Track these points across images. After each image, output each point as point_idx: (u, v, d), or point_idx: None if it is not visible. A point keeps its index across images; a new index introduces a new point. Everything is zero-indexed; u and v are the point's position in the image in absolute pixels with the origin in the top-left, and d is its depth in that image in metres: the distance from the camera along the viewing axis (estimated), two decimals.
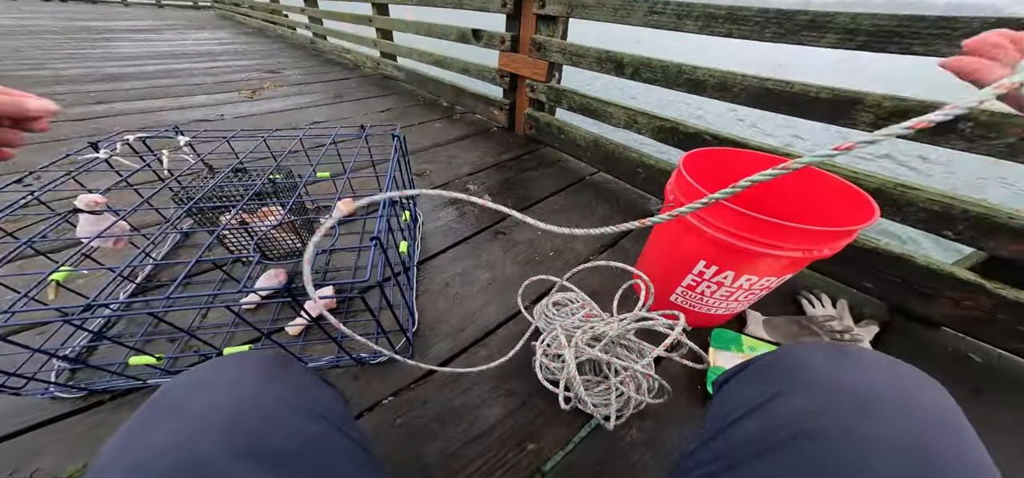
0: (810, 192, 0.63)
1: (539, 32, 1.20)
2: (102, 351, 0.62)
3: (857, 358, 0.27)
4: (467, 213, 0.98)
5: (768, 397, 0.26)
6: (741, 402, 0.28)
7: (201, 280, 0.76)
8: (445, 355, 0.64)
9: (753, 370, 0.31)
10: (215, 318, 0.69)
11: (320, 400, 0.30)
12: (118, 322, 0.67)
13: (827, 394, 0.24)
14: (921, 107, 0.60)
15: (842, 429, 0.22)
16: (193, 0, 9.33)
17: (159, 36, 3.84)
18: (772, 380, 0.28)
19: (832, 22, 0.65)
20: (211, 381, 0.26)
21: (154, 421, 0.23)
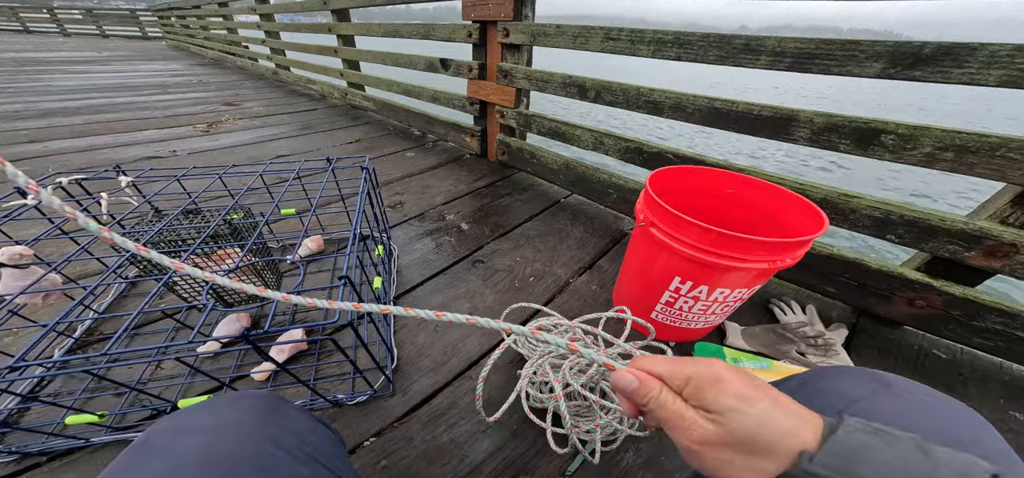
0: (768, 206, 0.67)
1: (505, 60, 1.24)
2: (38, 411, 0.56)
3: (900, 392, 0.25)
4: (444, 244, 0.97)
5: None
6: None
7: (152, 330, 0.70)
8: (428, 390, 0.61)
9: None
10: (171, 369, 0.63)
11: (316, 443, 0.28)
12: (53, 381, 0.60)
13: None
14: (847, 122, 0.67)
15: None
16: (141, 30, 8.91)
17: (103, 68, 3.61)
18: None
19: (763, 45, 0.72)
20: (200, 424, 0.24)
21: (137, 466, 0.22)
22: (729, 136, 5.42)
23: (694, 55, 0.81)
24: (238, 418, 0.26)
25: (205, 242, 0.62)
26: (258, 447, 0.24)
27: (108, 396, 0.58)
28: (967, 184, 4.26)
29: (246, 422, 0.26)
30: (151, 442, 0.23)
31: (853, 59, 0.63)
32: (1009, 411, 0.61)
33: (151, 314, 0.72)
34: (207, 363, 0.64)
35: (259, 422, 0.26)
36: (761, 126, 0.77)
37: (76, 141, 1.58)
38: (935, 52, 0.57)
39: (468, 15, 1.26)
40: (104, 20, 9.27)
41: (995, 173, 0.57)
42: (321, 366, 0.64)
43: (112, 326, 0.70)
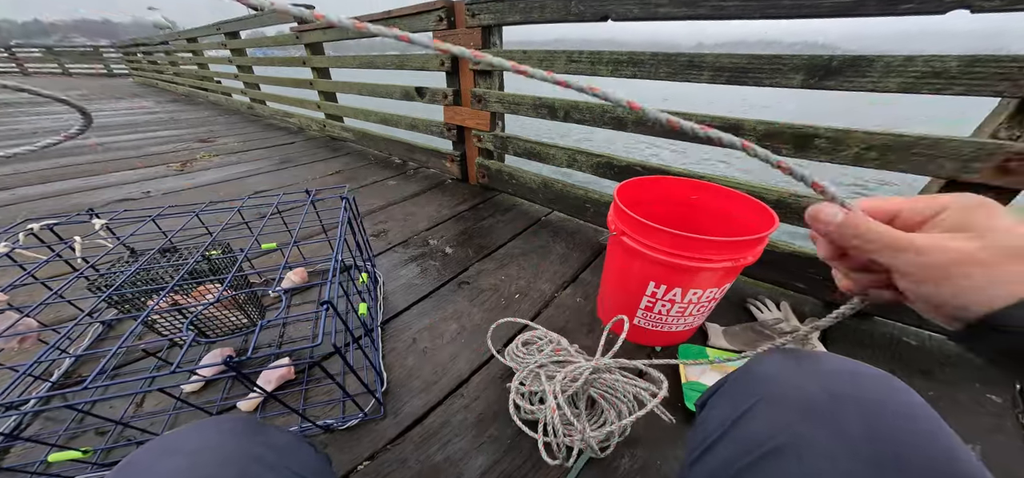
0: (727, 209, 0.73)
1: (478, 85, 1.30)
2: (17, 452, 0.55)
3: (816, 362, 0.28)
4: (429, 268, 0.98)
5: (739, 414, 0.27)
6: (717, 423, 0.29)
7: (134, 369, 0.69)
8: (420, 410, 0.62)
9: (726, 388, 0.32)
10: (153, 405, 0.62)
11: (300, 459, 0.29)
12: (32, 423, 0.59)
13: (787, 409, 0.25)
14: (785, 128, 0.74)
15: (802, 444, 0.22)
16: (106, 67, 8.68)
17: (69, 108, 3.50)
18: (741, 396, 0.29)
19: (705, 62, 0.79)
20: (183, 446, 0.25)
21: None
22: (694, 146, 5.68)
23: (648, 73, 0.88)
24: (220, 440, 0.26)
25: (184, 279, 0.62)
26: (241, 467, 0.25)
27: (90, 434, 0.57)
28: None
29: (228, 443, 0.26)
30: (132, 466, 0.23)
31: (779, 72, 0.71)
32: (986, 394, 0.64)
33: (131, 354, 0.71)
34: (193, 398, 0.63)
35: (241, 441, 0.26)
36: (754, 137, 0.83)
37: (45, 186, 1.53)
38: (842, 64, 0.65)
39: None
40: (65, 58, 8.99)
41: (917, 168, 0.65)
42: (309, 393, 0.64)
43: (90, 368, 0.68)
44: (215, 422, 0.28)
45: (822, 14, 0.64)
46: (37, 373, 0.64)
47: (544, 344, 0.65)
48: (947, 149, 0.61)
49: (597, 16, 0.90)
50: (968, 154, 0.60)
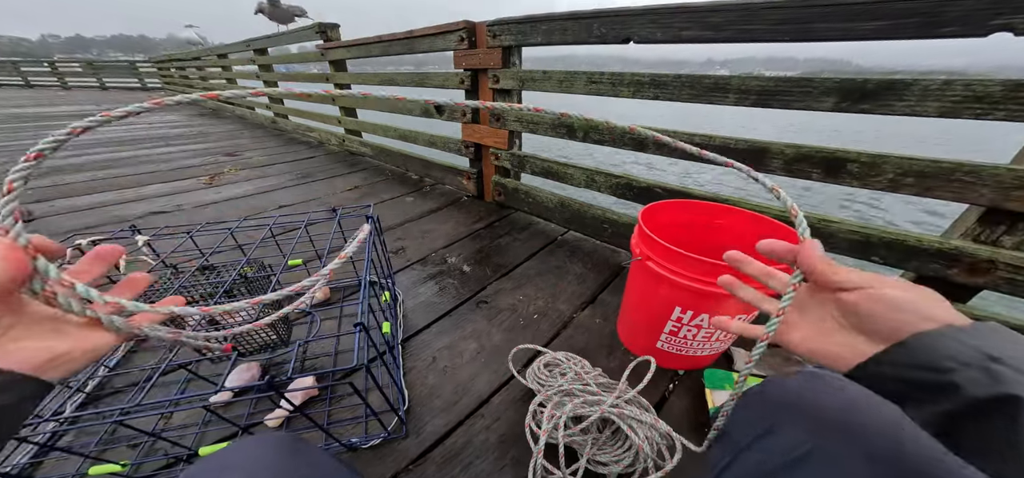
0: (753, 235, 0.72)
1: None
2: (49, 464, 0.56)
3: (831, 385, 0.30)
4: (447, 286, 0.99)
5: (766, 427, 0.30)
6: (745, 433, 0.31)
7: (161, 382, 0.70)
8: (441, 430, 0.62)
9: (749, 403, 0.34)
10: (180, 419, 0.63)
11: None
12: (65, 436, 0.61)
13: (812, 424, 0.28)
14: (815, 152, 0.73)
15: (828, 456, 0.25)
16: (140, 81, 9.12)
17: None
18: (766, 411, 0.31)
19: (730, 84, 0.79)
20: (235, 462, 0.27)
21: None
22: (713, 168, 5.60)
23: (670, 95, 0.88)
24: (268, 457, 0.28)
25: (222, 296, 0.64)
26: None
27: (122, 448, 0.58)
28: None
29: (277, 463, 0.28)
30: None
31: (809, 95, 0.70)
32: None
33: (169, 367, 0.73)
34: (221, 412, 0.65)
35: (288, 462, 0.28)
36: (738, 157, 0.83)
37: (83, 198, 1.61)
38: (878, 87, 0.64)
39: (460, 64, 1.35)
40: (103, 72, 9.49)
41: (955, 196, 0.63)
42: (332, 411, 0.65)
43: (121, 381, 0.71)
44: (256, 442, 0.30)
45: (857, 37, 0.64)
46: (73, 385, 0.66)
47: (567, 367, 0.65)
48: (988, 177, 0.60)
49: (619, 39, 0.92)
50: (1009, 182, 0.59)
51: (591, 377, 0.62)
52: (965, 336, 0.21)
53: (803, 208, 0.89)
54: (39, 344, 0.22)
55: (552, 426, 0.53)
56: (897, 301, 0.24)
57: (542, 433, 0.52)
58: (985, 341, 0.21)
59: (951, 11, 0.55)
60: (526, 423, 0.58)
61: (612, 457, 0.54)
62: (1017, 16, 0.51)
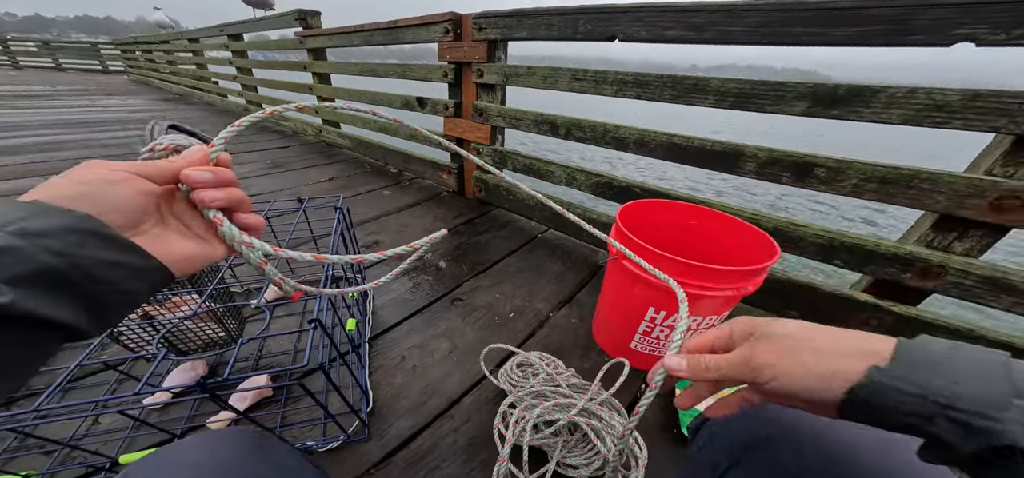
0: (727, 236, 0.72)
1: (480, 99, 1.29)
2: None
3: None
4: (421, 283, 0.95)
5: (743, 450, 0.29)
6: (719, 456, 0.31)
7: (91, 383, 0.64)
8: (407, 433, 0.58)
9: (723, 419, 0.33)
10: (110, 423, 0.57)
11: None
12: None
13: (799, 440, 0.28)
14: (785, 156, 0.74)
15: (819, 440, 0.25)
16: (102, 64, 8.57)
17: (56, 102, 3.43)
18: (743, 431, 0.30)
19: (709, 86, 0.79)
20: (186, 459, 0.24)
21: None
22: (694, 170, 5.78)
23: (651, 94, 0.88)
24: (224, 454, 0.25)
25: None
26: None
27: (34, 455, 0.52)
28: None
29: (232, 458, 0.25)
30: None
31: (783, 98, 0.71)
32: None
33: (90, 366, 0.65)
34: (155, 415, 0.59)
35: (245, 457, 0.26)
36: (715, 160, 0.83)
37: (18, 183, 1.47)
38: (847, 93, 0.65)
39: (444, 56, 1.31)
40: (61, 53, 8.87)
41: (913, 202, 0.65)
42: (288, 412, 0.60)
43: (43, 381, 0.63)
44: (222, 435, 0.27)
45: (831, 43, 0.65)
46: None
47: (540, 368, 0.63)
48: (944, 184, 0.62)
49: (604, 36, 0.91)
50: (963, 190, 0.61)
51: (563, 378, 0.60)
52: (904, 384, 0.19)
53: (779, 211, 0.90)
54: (183, 243, 0.25)
55: (519, 430, 0.51)
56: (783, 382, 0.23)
57: (508, 437, 0.50)
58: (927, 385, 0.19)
59: (918, 19, 0.57)
60: (494, 425, 0.55)
61: (582, 460, 0.52)
62: (979, 26, 0.53)
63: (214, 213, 0.26)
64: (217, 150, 0.28)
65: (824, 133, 18.04)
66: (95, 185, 0.21)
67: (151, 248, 0.23)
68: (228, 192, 0.27)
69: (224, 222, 0.27)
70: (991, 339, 0.66)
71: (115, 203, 0.22)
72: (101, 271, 0.20)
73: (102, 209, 0.21)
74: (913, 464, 0.22)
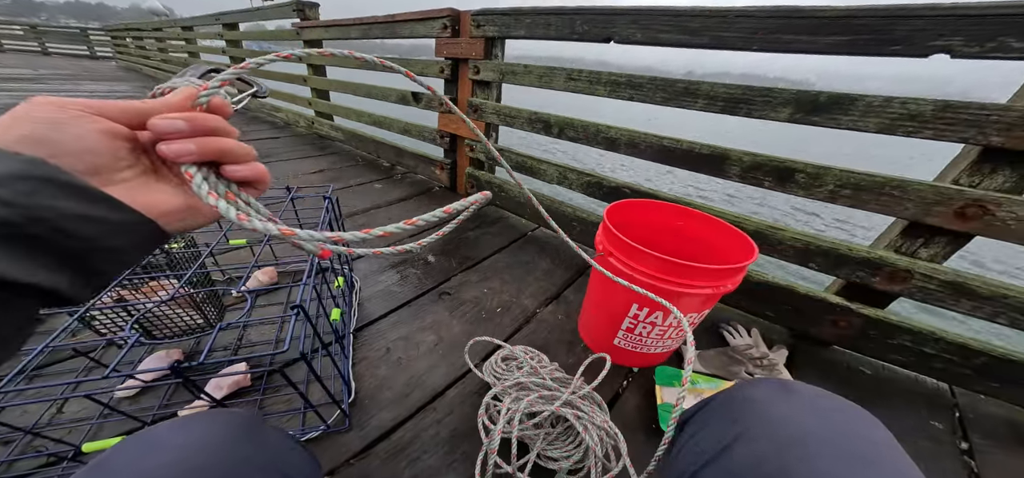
0: (710, 237, 0.73)
1: (475, 95, 1.30)
2: None
3: (800, 396, 0.28)
4: (409, 276, 0.95)
5: (727, 443, 0.28)
6: (703, 447, 0.30)
7: (59, 370, 0.62)
8: (389, 424, 0.58)
9: (709, 411, 0.32)
10: (73, 411, 0.56)
11: (293, 463, 0.28)
12: None
13: (774, 441, 0.26)
14: (767, 161, 0.76)
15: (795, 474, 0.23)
16: (90, 49, 8.40)
17: (39, 87, 3.35)
18: (728, 421, 0.29)
19: (700, 89, 0.81)
20: (170, 441, 0.23)
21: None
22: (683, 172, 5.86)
23: (644, 96, 0.89)
24: (211, 436, 0.24)
25: (134, 272, 0.57)
26: (229, 468, 0.23)
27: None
28: None
29: (217, 439, 0.24)
30: (113, 461, 0.22)
31: (769, 104, 0.73)
32: (929, 421, 0.68)
33: (59, 352, 0.63)
34: (126, 404, 0.58)
35: (231, 439, 0.25)
36: (702, 163, 0.84)
37: None
38: (828, 101, 0.67)
39: (441, 52, 1.31)
40: (49, 37, 8.67)
41: (885, 208, 0.67)
42: (267, 402, 0.60)
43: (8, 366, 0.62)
44: (204, 417, 0.26)
45: (819, 50, 0.66)
46: None
47: (524, 362, 0.63)
48: (913, 192, 0.64)
49: (600, 37, 0.92)
50: (931, 198, 0.63)
51: (547, 372, 0.60)
52: None
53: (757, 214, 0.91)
54: (172, 195, 0.23)
55: (506, 420, 0.51)
56: None
57: (498, 427, 0.50)
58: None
59: (899, 30, 0.59)
60: (479, 416, 0.55)
61: (563, 453, 0.52)
62: (955, 38, 0.55)
63: (186, 168, 0.23)
64: (207, 94, 0.24)
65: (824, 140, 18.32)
66: (43, 125, 0.18)
67: (128, 198, 0.20)
68: (203, 143, 0.23)
69: (196, 177, 0.23)
70: (950, 341, 0.69)
71: (70, 145, 0.19)
72: (72, 225, 0.18)
73: (54, 152, 0.18)
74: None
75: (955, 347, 0.68)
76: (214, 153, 0.24)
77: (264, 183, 0.27)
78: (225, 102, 0.26)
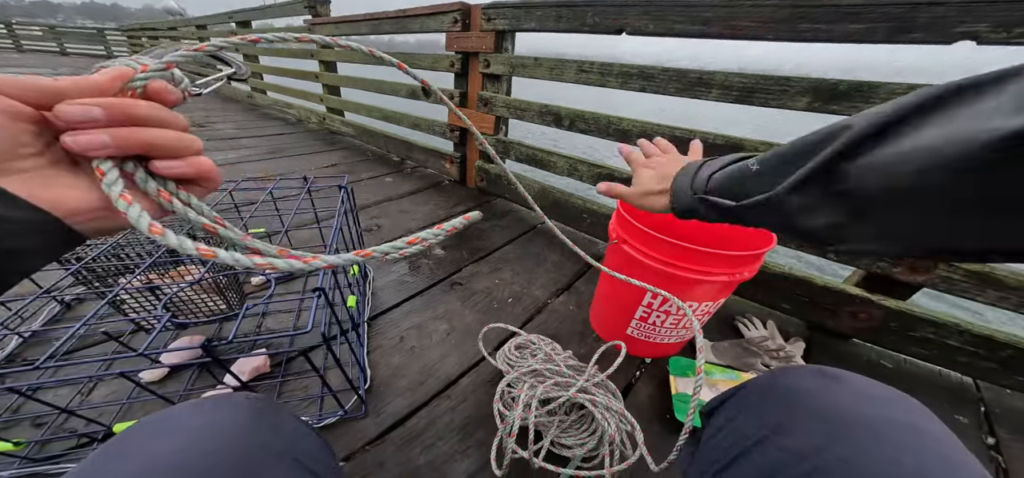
0: (732, 229, 0.72)
1: (485, 89, 1.30)
2: None
3: (848, 384, 0.27)
4: (421, 267, 0.96)
5: (771, 429, 0.26)
6: (734, 439, 0.28)
7: (90, 354, 0.64)
8: (404, 411, 0.59)
9: (740, 400, 0.31)
10: (104, 395, 0.57)
11: (308, 449, 0.27)
12: None
13: (831, 426, 0.24)
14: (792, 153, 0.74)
15: (851, 466, 0.22)
16: (107, 49, 8.59)
17: None
18: (766, 411, 0.28)
19: (714, 80, 0.80)
20: (183, 424, 0.23)
21: (104, 468, 0.20)
22: None
23: (656, 87, 0.88)
24: (225, 419, 0.24)
25: (162, 257, 0.59)
26: (244, 452, 0.22)
27: (25, 425, 0.52)
28: None
29: (233, 423, 0.23)
30: (126, 442, 0.21)
31: (785, 93, 0.71)
32: (954, 415, 0.67)
33: (86, 339, 0.65)
34: (155, 387, 0.59)
35: (248, 423, 0.24)
36: (717, 153, 0.83)
37: None
38: (849, 89, 0.65)
39: (451, 46, 1.32)
40: (67, 38, 8.88)
41: None
42: (285, 388, 0.61)
43: (40, 351, 0.64)
44: (223, 400, 0.26)
45: (836, 39, 0.65)
46: None
47: (537, 349, 0.63)
48: None
49: (612, 29, 0.91)
50: None
51: (561, 359, 0.61)
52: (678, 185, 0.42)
53: None
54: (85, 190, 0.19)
55: (524, 405, 0.51)
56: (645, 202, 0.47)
57: (516, 413, 0.50)
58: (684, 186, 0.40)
59: (920, 17, 0.57)
60: (494, 402, 0.56)
61: (577, 440, 0.52)
62: (981, 24, 0.53)
63: (98, 163, 0.19)
64: (144, 77, 0.21)
65: None
66: None
67: (27, 193, 0.17)
68: (120, 134, 0.19)
69: (108, 174, 0.19)
70: (975, 333, 0.67)
71: None
72: None
73: None
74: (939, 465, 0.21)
75: (981, 339, 0.67)
76: (138, 146, 0.20)
77: (211, 180, 0.24)
78: (165, 87, 0.22)
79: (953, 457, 0.22)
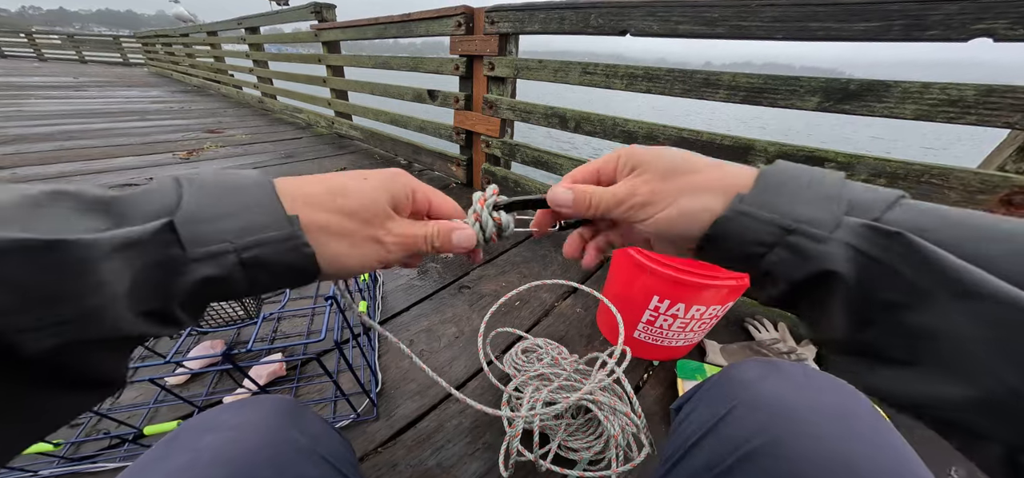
0: None
1: (490, 92, 1.30)
2: None
3: (789, 373, 0.29)
4: (429, 271, 0.97)
5: (717, 419, 0.29)
6: (698, 425, 0.31)
7: None
8: (414, 414, 0.60)
9: (702, 392, 0.34)
10: (130, 397, 0.60)
11: (331, 447, 0.30)
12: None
13: (765, 413, 0.26)
14: (796, 151, 0.74)
15: (780, 449, 0.24)
16: (123, 56, 8.82)
17: (80, 93, 3.54)
18: (720, 400, 0.30)
19: (721, 80, 0.79)
20: (224, 422, 0.26)
21: (160, 461, 0.23)
22: None
23: (662, 88, 0.88)
24: (259, 418, 0.27)
25: None
26: (276, 448, 0.25)
27: (63, 428, 0.55)
28: None
29: (267, 422, 0.27)
30: (179, 438, 0.25)
31: (795, 93, 0.70)
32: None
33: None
34: (177, 390, 0.62)
35: (279, 423, 0.27)
36: (725, 154, 0.83)
37: (46, 167, 1.53)
38: (859, 88, 0.64)
39: (456, 49, 1.33)
40: (84, 46, 9.14)
41: (924, 197, 0.64)
42: (299, 392, 0.63)
43: None
44: (255, 401, 0.29)
45: (848, 38, 0.64)
46: None
47: (544, 353, 0.64)
48: (955, 180, 0.61)
49: (616, 30, 0.91)
50: (975, 186, 0.60)
51: (568, 363, 0.61)
52: (754, 210, 0.19)
53: None
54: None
55: (529, 408, 0.52)
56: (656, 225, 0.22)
57: (520, 415, 0.51)
58: (774, 208, 0.18)
59: (935, 14, 0.56)
60: (502, 405, 0.57)
61: (583, 444, 0.53)
62: (998, 21, 0.52)
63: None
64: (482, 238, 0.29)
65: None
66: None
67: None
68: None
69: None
70: None
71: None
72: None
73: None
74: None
75: None
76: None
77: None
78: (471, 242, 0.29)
79: (878, 437, 0.23)
